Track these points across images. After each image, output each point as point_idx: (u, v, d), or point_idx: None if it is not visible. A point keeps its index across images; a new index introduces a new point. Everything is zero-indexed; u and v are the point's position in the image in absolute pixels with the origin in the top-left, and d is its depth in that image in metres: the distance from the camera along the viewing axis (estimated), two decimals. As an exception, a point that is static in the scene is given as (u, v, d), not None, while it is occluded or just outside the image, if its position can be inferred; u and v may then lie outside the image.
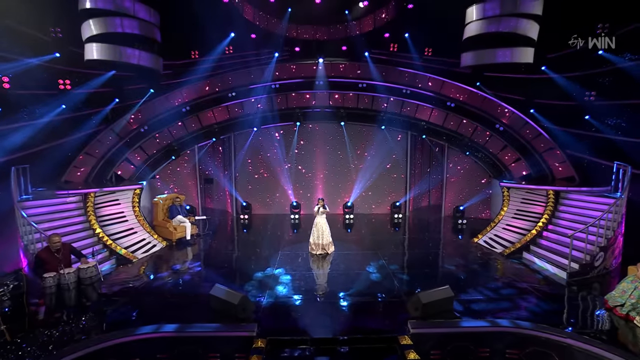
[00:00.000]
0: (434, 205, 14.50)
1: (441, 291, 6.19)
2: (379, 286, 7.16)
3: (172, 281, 7.57)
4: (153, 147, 12.30)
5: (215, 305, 6.20)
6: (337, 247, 9.36)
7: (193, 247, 9.87)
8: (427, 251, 9.57)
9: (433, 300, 5.99)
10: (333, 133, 13.70)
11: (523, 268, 8.19)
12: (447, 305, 6.20)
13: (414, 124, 13.12)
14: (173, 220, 10.11)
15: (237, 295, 5.93)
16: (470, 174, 13.49)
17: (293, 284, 7.36)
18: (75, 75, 10.93)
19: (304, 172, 13.88)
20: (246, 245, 10.07)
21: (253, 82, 13.25)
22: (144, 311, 6.23)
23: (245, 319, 5.85)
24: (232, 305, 5.85)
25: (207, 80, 13.20)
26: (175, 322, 5.74)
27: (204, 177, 13.99)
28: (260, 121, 13.09)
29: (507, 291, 6.97)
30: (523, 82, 12.34)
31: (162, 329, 5.58)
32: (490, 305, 6.45)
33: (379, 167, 13.75)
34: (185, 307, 6.43)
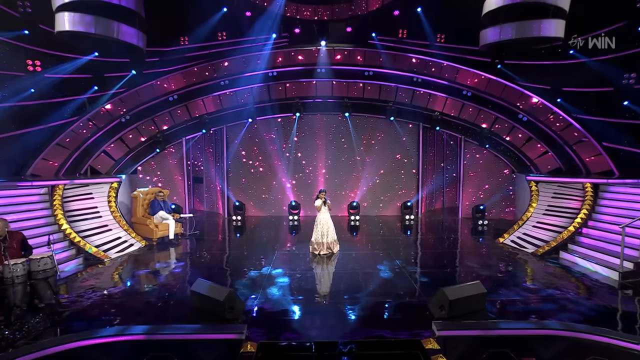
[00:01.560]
0: (449, 207, 13.95)
1: (471, 287, 5.46)
2: (394, 286, 6.60)
3: (147, 281, 7.01)
4: (135, 139, 11.81)
5: (197, 303, 5.50)
6: (342, 248, 8.83)
7: (177, 247, 9.22)
8: (446, 251, 9.08)
9: (462, 297, 5.26)
10: (337, 125, 13.33)
11: (562, 268, 7.61)
12: (479, 303, 5.46)
13: (426, 115, 12.78)
14: (154, 216, 9.46)
15: (223, 290, 5.22)
16: (489, 169, 12.95)
17: (292, 283, 6.75)
18: (48, 58, 10.43)
19: (304, 168, 13.43)
20: (238, 246, 9.65)
21: (248, 70, 12.78)
22: (109, 312, 5.51)
23: (233, 319, 5.13)
24: (218, 303, 5.14)
25: (197, 67, 12.74)
26: (146, 323, 5.04)
27: (194, 175, 13.55)
28: (255, 112, 12.72)
29: (546, 292, 6.31)
30: (548, 69, 11.82)
31: (128, 331, 4.84)
32: (528, 307, 5.75)
33: (387, 164, 13.38)
34: (161, 308, 5.72)
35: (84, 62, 10.88)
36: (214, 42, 13.12)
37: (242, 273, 7.28)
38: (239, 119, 12.78)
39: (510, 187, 12.61)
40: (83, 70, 11.07)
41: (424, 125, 13.06)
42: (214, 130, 12.94)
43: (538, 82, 11.91)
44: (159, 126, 12.10)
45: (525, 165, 11.77)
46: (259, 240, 10.00)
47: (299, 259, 8.25)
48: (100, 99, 11.45)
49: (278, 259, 8.12)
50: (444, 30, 12.93)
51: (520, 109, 11.95)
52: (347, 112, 12.67)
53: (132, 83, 11.91)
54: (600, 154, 10.64)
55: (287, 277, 7.02)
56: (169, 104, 12.31)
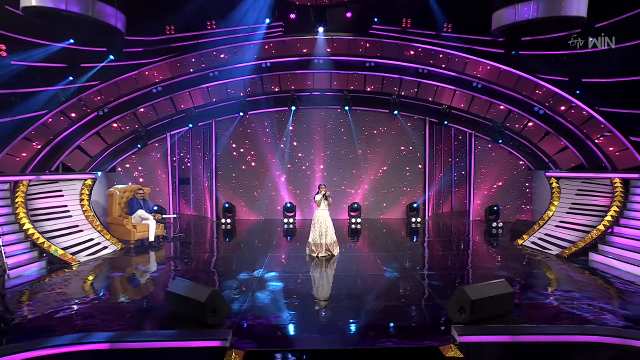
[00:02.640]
0: (459, 209, 13.58)
1: (496, 286, 4.93)
2: (404, 290, 6.18)
3: (119, 286, 6.50)
4: (114, 134, 11.38)
5: (174, 306, 4.94)
6: (343, 250, 8.42)
7: (157, 251, 8.70)
8: (459, 254, 8.74)
9: (486, 297, 4.72)
10: (336, 120, 12.97)
11: (593, 270, 7.17)
12: (506, 305, 4.93)
13: (433, 109, 12.45)
14: (133, 216, 8.95)
15: (205, 290, 4.68)
16: (503, 167, 12.53)
17: (287, 287, 6.27)
18: (16, 43, 9.97)
19: (300, 166, 13.02)
20: (227, 250, 9.34)
21: (239, 61, 12.41)
22: (69, 320, 4.95)
23: (216, 324, 4.58)
24: (198, 305, 4.58)
25: (184, 57, 12.35)
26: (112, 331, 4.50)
27: (180, 176, 13.14)
28: (247, 106, 12.32)
29: (579, 296, 5.79)
30: (566, 59, 11.46)
31: (88, 339, 4.26)
32: (560, 311, 5.27)
33: (391, 161, 13.00)
34: (131, 314, 5.17)
35: (57, 50, 10.45)
36: (202, 32, 12.71)
37: (230, 275, 6.85)
38: (230, 113, 12.42)
39: (526, 184, 12.24)
40: (57, 59, 10.65)
41: (431, 120, 12.70)
42: (202, 125, 12.54)
43: (555, 74, 11.57)
44: (142, 120, 11.67)
45: (543, 162, 11.39)
46: (251, 244, 9.68)
47: (294, 261, 7.89)
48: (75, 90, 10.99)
49: (271, 262, 7.71)
50: (452, 19, 12.56)
51: (537, 101, 11.59)
52: (347, 106, 12.31)
53: (111, 74, 11.50)
54: (627, 148, 10.23)
55: (281, 280, 6.58)
56: (152, 97, 11.89)
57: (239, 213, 12.85)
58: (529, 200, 12.25)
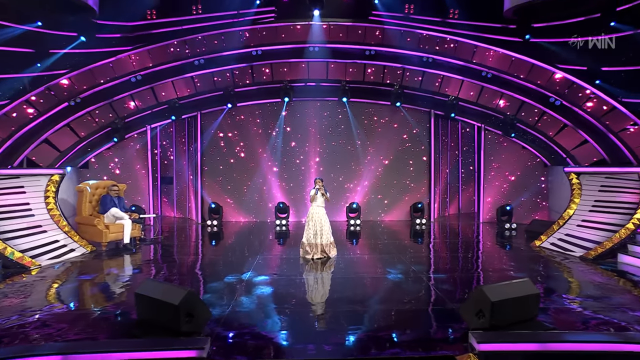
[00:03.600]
0: (467, 209, 13.37)
1: (518, 285, 4.49)
2: (410, 293, 5.78)
3: (82, 292, 6.01)
4: (87, 127, 11.02)
5: (144, 312, 4.47)
6: (341, 252, 8.08)
7: (133, 254, 8.22)
8: (470, 255, 8.46)
9: (508, 299, 4.27)
10: (333, 113, 12.82)
11: (623, 273, 6.79)
12: (530, 308, 4.49)
13: (439, 101, 12.26)
14: (105, 215, 8.49)
15: (179, 291, 4.21)
16: (515, 163, 12.34)
17: (277, 291, 5.85)
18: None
19: (294, 162, 12.86)
20: (212, 253, 8.97)
21: (227, 48, 12.15)
22: (18, 330, 4.46)
23: (192, 332, 4.10)
24: (171, 309, 4.11)
25: (166, 44, 12.02)
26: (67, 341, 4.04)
27: (162, 175, 12.84)
28: (236, 97, 12.12)
29: (611, 301, 5.38)
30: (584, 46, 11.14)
31: (36, 351, 3.80)
32: (592, 317, 4.85)
33: (393, 156, 12.84)
34: (91, 322, 4.68)
35: (21, 32, 10.04)
36: (187, 17, 12.39)
37: (213, 278, 6.49)
38: (217, 105, 12.22)
39: (541, 181, 12.01)
40: (23, 43, 10.28)
41: (436, 112, 12.53)
42: (186, 117, 12.35)
43: (572, 62, 11.28)
44: (118, 111, 11.34)
45: (560, 157, 11.14)
46: (239, 246, 9.40)
47: (286, 263, 7.56)
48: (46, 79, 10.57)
49: (261, 264, 7.33)
50: (458, 4, 12.38)
51: (552, 91, 11.27)
52: (345, 98, 12.12)
53: (85, 61, 11.16)
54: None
55: (271, 284, 6.17)
56: (131, 86, 11.54)
57: (226, 214, 12.58)
58: (545, 199, 12.00)
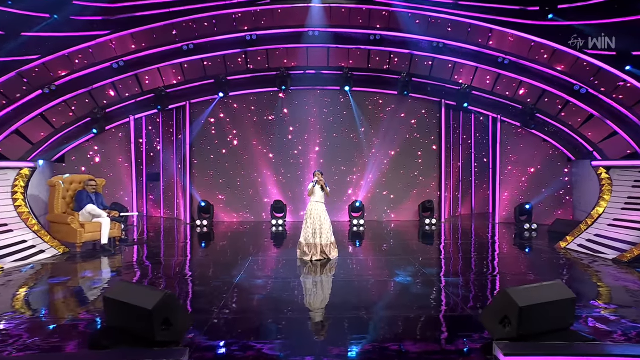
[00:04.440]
0: (481, 209, 13.15)
1: (550, 288, 4.11)
2: (420, 298, 5.52)
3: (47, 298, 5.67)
4: (64, 117, 10.70)
5: (114, 318, 4.12)
6: (343, 253, 7.84)
7: (111, 257, 7.90)
8: (487, 257, 8.25)
9: (539, 304, 3.90)
10: (334, 103, 12.65)
11: None
12: (565, 315, 4.11)
13: (450, 90, 12.01)
14: (80, 212, 8.19)
15: (154, 294, 3.85)
16: (535, 158, 12.11)
17: (271, 296, 5.57)
18: None
19: (292, 155, 12.70)
20: (201, 254, 8.86)
21: (219, 32, 11.86)
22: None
23: (169, 341, 3.74)
24: (144, 315, 3.75)
25: (152, 27, 11.64)
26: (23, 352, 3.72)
27: (148, 171, 12.66)
28: (228, 85, 11.89)
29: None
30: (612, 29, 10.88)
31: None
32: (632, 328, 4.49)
33: (400, 149, 12.69)
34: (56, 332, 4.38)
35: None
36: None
37: (199, 282, 6.27)
38: (207, 94, 12.11)
39: (565, 177, 11.81)
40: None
41: (447, 102, 12.33)
42: (173, 107, 12.15)
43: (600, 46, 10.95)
44: (98, 100, 11.06)
45: (585, 150, 10.84)
46: (230, 247, 9.24)
47: (282, 266, 7.37)
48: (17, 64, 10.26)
49: (254, 267, 7.07)
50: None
51: (577, 78, 10.92)
52: (347, 86, 11.97)
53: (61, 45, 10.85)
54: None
55: (264, 288, 5.90)
56: (112, 73, 11.20)
57: (217, 213, 12.40)
58: (568, 196, 11.82)
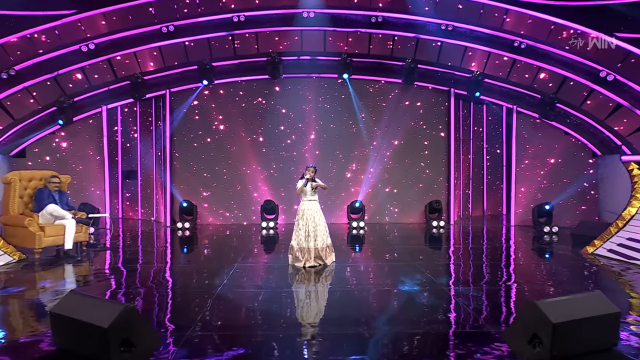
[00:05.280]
0: (493, 213, 13.13)
1: (588, 300, 3.74)
2: (430, 311, 5.15)
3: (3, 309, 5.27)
4: (24, 106, 10.45)
5: (63, 339, 3.72)
6: (341, 259, 7.59)
7: (76, 264, 7.49)
8: (505, 264, 7.92)
9: (576, 320, 3.51)
10: (331, 92, 12.59)
11: None
12: (607, 333, 3.72)
13: (460, 78, 11.90)
14: (40, 213, 7.82)
15: (111, 308, 3.47)
16: (555, 153, 11.95)
17: (257, 307, 5.21)
18: None
19: (285, 151, 12.67)
20: (180, 260, 8.56)
21: (203, 13, 11.57)
22: None
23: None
24: (99, 334, 3.35)
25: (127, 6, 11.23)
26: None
27: (123, 168, 12.62)
28: (213, 73, 11.73)
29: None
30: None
31: None
32: None
33: (404, 141, 12.66)
34: None
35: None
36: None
37: (174, 293, 5.93)
38: (189, 82, 11.99)
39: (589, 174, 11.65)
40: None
41: (457, 91, 12.25)
42: (151, 96, 12.04)
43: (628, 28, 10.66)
44: (65, 88, 10.80)
45: (613, 144, 10.67)
46: (213, 253, 9.05)
47: (271, 273, 7.01)
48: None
49: (238, 274, 6.74)
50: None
51: (604, 64, 10.64)
52: (346, 74, 11.81)
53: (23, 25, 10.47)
54: None
55: (249, 299, 5.54)
56: (82, 57, 10.87)
57: (201, 214, 12.31)
58: (593, 195, 11.69)
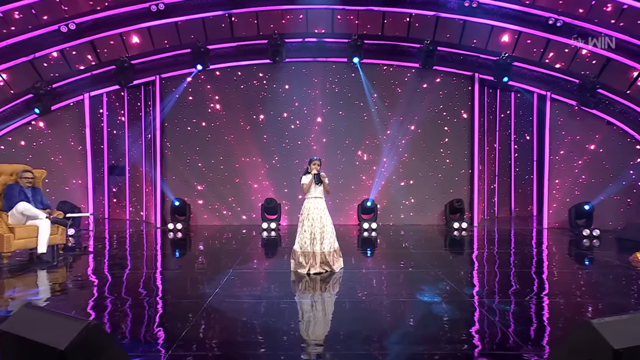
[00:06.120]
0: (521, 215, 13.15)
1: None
2: (454, 327, 4.83)
3: None
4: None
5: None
6: (350, 265, 7.43)
7: (51, 270, 7.30)
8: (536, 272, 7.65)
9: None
10: (340, 78, 12.67)
11: None
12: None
13: (485, 61, 11.94)
14: (10, 212, 7.59)
15: (71, 326, 3.18)
16: (597, 146, 11.77)
17: (254, 321, 4.90)
18: None
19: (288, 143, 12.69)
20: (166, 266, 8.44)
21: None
22: None
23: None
24: (55, 356, 3.05)
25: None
26: None
27: (109, 164, 12.82)
28: (208, 57, 11.80)
29: None
30: None
31: None
32: None
33: (422, 138, 12.71)
34: None
35: None
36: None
37: (154, 304, 5.66)
38: (182, 67, 12.07)
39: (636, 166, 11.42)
40: None
41: (482, 76, 12.22)
42: (139, 83, 12.17)
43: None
44: (42, 73, 10.88)
45: None
46: (206, 257, 8.87)
47: (270, 281, 6.79)
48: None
49: (233, 282, 6.51)
50: None
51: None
52: (356, 58, 11.84)
53: None
54: None
55: (245, 311, 5.27)
56: (61, 38, 10.88)
57: (195, 216, 12.50)
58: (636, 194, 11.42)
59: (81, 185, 11.97)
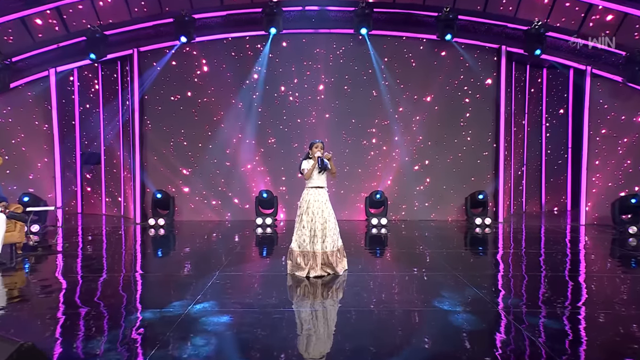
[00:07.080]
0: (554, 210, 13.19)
1: None
2: (479, 341, 4.76)
3: None
4: None
5: None
6: (356, 267, 7.40)
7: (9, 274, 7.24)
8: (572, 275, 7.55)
9: None
10: (345, 50, 12.66)
11: None
12: None
13: (513, 32, 11.88)
14: None
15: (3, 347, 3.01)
16: None
17: (241, 335, 4.77)
18: None
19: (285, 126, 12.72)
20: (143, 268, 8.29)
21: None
22: None
23: None
24: None
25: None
26: None
27: (82, 150, 12.88)
28: (193, 27, 11.67)
29: None
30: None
31: None
32: None
33: (439, 119, 12.71)
34: None
35: None
36: None
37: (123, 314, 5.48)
38: (164, 40, 12.06)
39: None
40: None
41: (510, 49, 12.21)
42: (115, 57, 12.18)
43: None
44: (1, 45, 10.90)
45: None
46: (190, 258, 8.93)
47: (262, 286, 6.82)
48: None
49: (218, 288, 6.44)
50: None
51: None
52: (364, 28, 11.73)
53: None
54: None
55: (231, 323, 5.12)
56: (20, 4, 10.89)
57: (181, 211, 12.56)
58: None
59: (48, 172, 11.98)
